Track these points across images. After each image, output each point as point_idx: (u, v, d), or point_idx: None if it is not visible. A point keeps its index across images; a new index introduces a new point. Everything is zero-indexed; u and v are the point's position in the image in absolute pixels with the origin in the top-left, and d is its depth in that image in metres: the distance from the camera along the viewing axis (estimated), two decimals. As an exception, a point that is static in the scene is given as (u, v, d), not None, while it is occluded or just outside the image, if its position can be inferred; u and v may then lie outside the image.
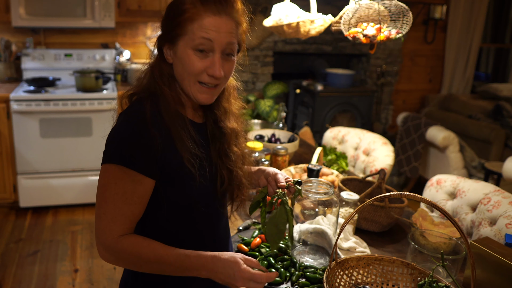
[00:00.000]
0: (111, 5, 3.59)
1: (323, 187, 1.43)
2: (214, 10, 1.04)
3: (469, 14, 4.90)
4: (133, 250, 1.02)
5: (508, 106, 4.38)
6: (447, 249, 1.42)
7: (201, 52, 1.05)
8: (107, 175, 1.02)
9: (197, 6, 1.03)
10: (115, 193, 1.01)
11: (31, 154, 3.45)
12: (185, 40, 1.05)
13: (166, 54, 1.10)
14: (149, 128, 1.02)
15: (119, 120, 1.07)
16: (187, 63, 1.06)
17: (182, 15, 1.04)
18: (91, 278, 2.78)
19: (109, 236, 1.02)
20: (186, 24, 1.04)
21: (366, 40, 1.80)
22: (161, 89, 1.08)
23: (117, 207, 1.02)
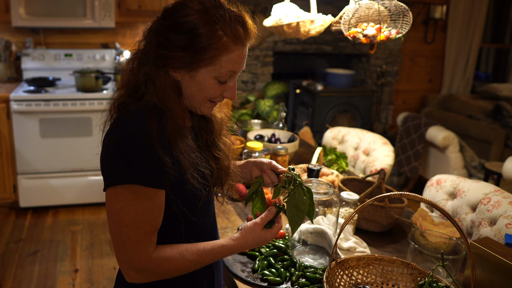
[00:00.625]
0: (111, 5, 3.59)
1: (323, 187, 1.43)
2: (242, 42, 1.03)
3: (469, 14, 4.90)
4: (170, 264, 1.01)
5: (508, 106, 4.38)
6: (447, 249, 1.42)
7: (221, 82, 1.05)
8: (121, 198, 0.96)
9: (231, 38, 1.01)
10: (135, 215, 0.97)
11: (31, 154, 3.45)
12: (210, 69, 1.02)
13: (174, 73, 1.04)
14: (156, 141, 0.97)
15: (118, 135, 0.98)
16: (207, 89, 1.05)
17: (212, 45, 0.99)
18: (91, 278, 2.78)
19: (142, 259, 0.98)
20: (214, 57, 1.00)
21: (366, 40, 1.80)
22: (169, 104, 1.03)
23: (141, 228, 0.97)
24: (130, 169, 0.95)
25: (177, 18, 1.01)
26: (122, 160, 0.96)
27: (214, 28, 0.99)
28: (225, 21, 1.00)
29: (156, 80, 1.03)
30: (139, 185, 0.96)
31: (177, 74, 1.04)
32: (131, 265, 0.98)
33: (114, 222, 0.98)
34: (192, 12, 1.00)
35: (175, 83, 1.05)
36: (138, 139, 0.96)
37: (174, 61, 1.01)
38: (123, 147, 0.96)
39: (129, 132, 0.97)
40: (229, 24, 1.00)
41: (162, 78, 1.03)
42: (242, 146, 2.34)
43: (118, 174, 0.96)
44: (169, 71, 1.03)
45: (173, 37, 1.00)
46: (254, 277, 1.34)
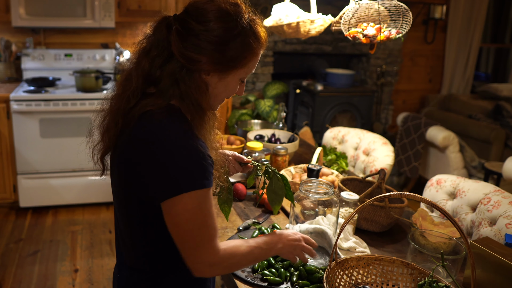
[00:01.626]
0: (111, 5, 3.59)
1: (323, 187, 1.43)
2: (265, 46, 1.14)
3: (469, 14, 4.90)
4: (238, 253, 1.09)
5: (508, 106, 4.38)
6: (447, 249, 1.42)
7: (241, 81, 1.14)
8: (188, 207, 0.99)
9: (260, 43, 1.11)
10: (203, 218, 1.02)
11: (31, 154, 3.45)
12: (240, 72, 1.10)
13: (205, 77, 1.07)
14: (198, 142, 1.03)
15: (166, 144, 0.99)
16: (231, 89, 1.13)
17: (251, 53, 1.09)
18: (91, 278, 2.78)
19: (215, 254, 1.04)
20: (248, 61, 1.09)
21: (366, 40, 1.80)
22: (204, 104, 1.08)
23: (209, 226, 1.03)
24: (192, 176, 0.99)
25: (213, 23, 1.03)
26: (182, 169, 0.99)
27: (248, 35, 1.07)
28: (252, 28, 1.09)
29: (190, 81, 1.05)
30: (199, 190, 1.00)
31: (207, 76, 1.08)
32: (207, 262, 1.04)
33: (185, 230, 1.01)
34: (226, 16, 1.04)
35: (206, 85, 1.09)
36: (184, 144, 1.00)
37: (207, 66, 1.05)
38: (179, 155, 0.99)
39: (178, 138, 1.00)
40: (255, 29, 1.09)
41: (197, 80, 1.06)
42: (242, 146, 2.34)
43: (181, 183, 0.99)
44: (201, 75, 1.07)
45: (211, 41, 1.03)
46: (254, 277, 1.34)
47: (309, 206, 1.43)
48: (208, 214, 1.03)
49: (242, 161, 1.38)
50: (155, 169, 1.00)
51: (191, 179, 0.99)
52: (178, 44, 1.03)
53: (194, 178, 0.99)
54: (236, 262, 1.10)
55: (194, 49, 1.03)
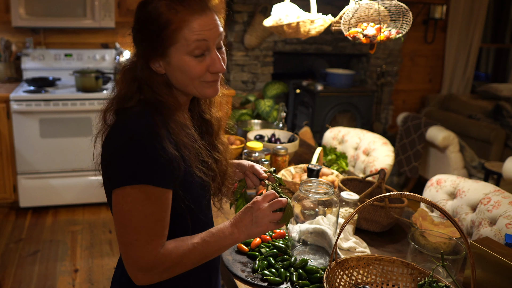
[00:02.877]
0: (111, 5, 3.59)
1: (323, 187, 1.43)
2: (198, 10, 1.01)
3: (469, 14, 4.90)
4: (176, 254, 1.00)
5: (508, 106, 4.38)
6: (447, 249, 1.42)
7: (199, 56, 1.03)
8: (129, 199, 0.95)
9: (180, 11, 0.99)
10: (144, 216, 0.96)
11: (31, 154, 3.45)
12: (178, 48, 1.01)
13: (156, 66, 1.04)
14: (163, 139, 0.98)
15: (124, 137, 0.98)
16: (187, 69, 1.03)
17: (168, 26, 0.99)
18: (91, 278, 2.78)
19: (150, 257, 0.97)
20: (175, 33, 0.99)
21: (366, 40, 1.80)
22: (164, 100, 1.04)
23: (150, 228, 0.97)
24: (139, 169, 0.95)
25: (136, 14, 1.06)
26: (131, 161, 0.95)
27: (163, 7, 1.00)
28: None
29: (146, 79, 1.04)
30: (148, 185, 0.96)
31: (158, 67, 1.04)
32: (139, 266, 0.97)
33: (122, 223, 0.97)
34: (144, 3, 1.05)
35: (163, 78, 1.05)
36: (146, 139, 0.96)
37: (146, 54, 1.03)
38: (131, 148, 0.96)
39: (136, 132, 0.97)
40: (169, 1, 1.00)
41: (149, 76, 1.04)
42: (242, 146, 2.34)
43: (127, 175, 0.95)
44: (151, 67, 1.04)
45: (136, 29, 1.05)
46: (254, 277, 1.34)
47: (309, 206, 1.43)
48: (150, 215, 0.96)
49: (259, 175, 1.27)
50: (109, 159, 0.99)
51: (140, 173, 0.95)
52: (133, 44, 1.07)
53: (144, 173, 0.95)
54: (175, 264, 1.00)
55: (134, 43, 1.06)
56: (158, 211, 0.98)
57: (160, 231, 0.99)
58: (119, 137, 0.99)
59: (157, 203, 0.98)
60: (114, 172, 0.98)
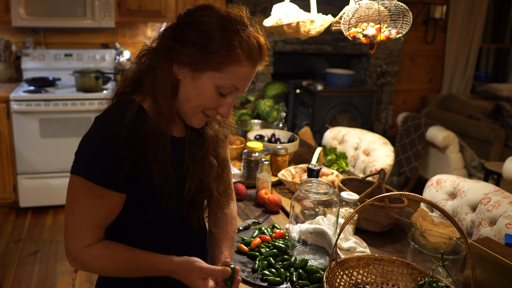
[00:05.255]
0: (111, 5, 3.59)
1: (323, 187, 1.43)
2: (253, 61, 1.03)
3: (469, 14, 4.90)
4: (95, 263, 1.03)
5: (508, 106, 4.38)
6: (447, 249, 1.42)
7: (221, 94, 1.04)
8: (75, 186, 1.01)
9: (245, 52, 1.01)
10: (81, 206, 1.01)
11: (31, 154, 3.45)
12: (215, 76, 1.01)
13: (178, 70, 1.03)
14: (122, 141, 0.98)
15: (93, 126, 1.02)
16: (204, 96, 1.03)
17: (229, 56, 0.99)
18: (91, 278, 2.78)
19: (74, 247, 1.02)
20: (224, 64, 0.99)
21: (366, 40, 1.80)
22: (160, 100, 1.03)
23: (83, 219, 1.01)
24: (87, 164, 1.00)
25: (199, 17, 1.01)
26: (85, 153, 1.01)
27: (231, 36, 1.00)
28: (243, 35, 1.01)
29: (157, 71, 1.03)
30: (91, 182, 0.99)
31: (180, 71, 1.03)
32: (66, 249, 1.03)
33: (66, 205, 1.03)
34: (215, 15, 1.01)
35: (174, 81, 1.04)
36: (106, 136, 0.99)
37: (182, 56, 1.01)
38: (90, 141, 1.01)
39: (102, 126, 1.01)
40: (247, 40, 1.01)
41: (164, 71, 1.03)
42: (242, 146, 2.34)
43: (78, 165, 1.01)
44: (174, 67, 1.02)
45: (189, 31, 1.00)
46: (254, 277, 1.34)
47: (309, 206, 1.43)
48: (87, 207, 1.00)
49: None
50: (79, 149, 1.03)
51: (87, 167, 0.99)
52: (167, 37, 1.04)
53: (91, 168, 0.99)
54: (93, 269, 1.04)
55: (174, 39, 1.02)
56: (96, 208, 1.01)
57: (93, 226, 1.02)
58: (91, 126, 1.03)
59: (96, 201, 1.01)
60: (75, 159, 1.02)
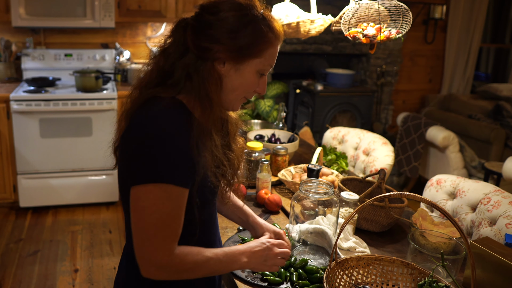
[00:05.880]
0: (111, 5, 3.59)
1: (323, 187, 1.43)
2: (279, 39, 1.11)
3: (469, 14, 4.90)
4: (190, 260, 1.03)
5: (508, 106, 4.38)
6: (447, 249, 1.42)
7: (261, 75, 1.12)
8: (150, 196, 0.97)
9: (274, 33, 1.09)
10: (162, 213, 0.98)
11: (31, 154, 3.45)
12: (256, 62, 1.08)
13: (220, 65, 1.07)
14: (192, 140, 1.01)
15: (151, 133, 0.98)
16: (249, 82, 1.10)
17: (266, 41, 1.07)
18: (91, 278, 2.78)
19: (165, 256, 0.99)
20: (265, 49, 1.08)
21: (366, 40, 1.80)
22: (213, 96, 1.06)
23: (167, 225, 0.99)
24: (164, 168, 0.97)
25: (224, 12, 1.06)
26: (155, 159, 0.97)
27: (260, 24, 1.07)
28: (266, 19, 1.09)
29: (203, 72, 1.05)
30: (170, 185, 0.97)
31: (221, 67, 1.07)
32: (153, 261, 0.99)
33: (140, 219, 0.98)
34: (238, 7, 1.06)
35: (220, 77, 1.08)
36: (172, 138, 0.98)
37: (221, 54, 1.05)
38: (157, 146, 0.97)
39: (163, 130, 0.98)
40: (270, 22, 1.09)
41: (210, 70, 1.06)
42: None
43: (150, 173, 0.97)
44: (215, 64, 1.07)
45: (220, 29, 1.04)
46: (254, 277, 1.34)
47: (309, 206, 1.43)
48: (169, 213, 0.99)
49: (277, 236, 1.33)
50: (134, 153, 0.99)
51: (164, 172, 0.97)
52: (193, 37, 1.06)
53: (167, 172, 0.97)
54: (186, 269, 1.03)
55: (208, 39, 1.05)
56: (175, 210, 1.00)
57: (176, 229, 1.01)
58: (147, 132, 0.99)
59: (176, 202, 1.00)
60: (138, 167, 0.98)
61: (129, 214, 1.05)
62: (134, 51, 4.14)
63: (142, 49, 4.17)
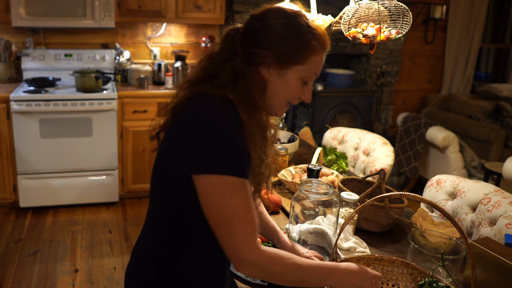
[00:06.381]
0: (111, 5, 3.59)
1: (323, 187, 1.43)
2: (325, 48, 1.14)
3: (469, 14, 4.90)
4: (279, 261, 1.04)
5: (508, 106, 4.38)
6: (447, 249, 1.42)
7: (304, 83, 1.14)
8: (220, 191, 1.00)
9: (319, 42, 1.12)
10: (234, 206, 1.00)
11: (31, 154, 3.45)
12: (299, 69, 1.11)
13: (265, 71, 1.11)
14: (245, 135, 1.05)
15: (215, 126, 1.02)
16: (292, 88, 1.13)
17: (309, 49, 1.10)
18: (91, 278, 2.78)
19: (254, 251, 1.00)
20: (308, 56, 1.10)
21: (366, 40, 1.80)
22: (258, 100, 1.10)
23: (248, 218, 1.01)
24: (231, 161, 1.00)
25: (273, 20, 1.10)
26: (222, 153, 1.00)
27: (305, 32, 1.10)
28: (312, 27, 1.12)
29: (248, 76, 1.10)
30: (237, 177, 1.00)
31: (266, 72, 1.11)
32: (243, 257, 1.00)
33: (215, 215, 1.01)
34: (286, 15, 1.11)
35: (264, 82, 1.12)
36: (238, 133, 1.02)
37: (267, 59, 1.09)
38: (224, 141, 1.01)
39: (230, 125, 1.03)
40: (316, 30, 1.12)
41: (255, 75, 1.10)
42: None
43: (217, 165, 1.00)
44: (260, 69, 1.10)
45: (268, 35, 1.09)
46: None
47: (309, 206, 1.43)
48: (242, 206, 1.00)
49: None
50: (200, 143, 1.01)
51: (230, 163, 1.00)
52: (241, 42, 1.11)
53: (233, 164, 1.00)
54: (276, 272, 1.04)
55: (254, 44, 1.09)
56: (247, 203, 1.02)
57: (255, 223, 1.02)
58: (210, 125, 1.02)
59: (247, 195, 1.02)
60: (202, 158, 1.01)
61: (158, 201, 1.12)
62: (134, 51, 4.14)
63: (142, 49, 4.17)
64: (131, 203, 3.80)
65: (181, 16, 3.83)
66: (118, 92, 3.56)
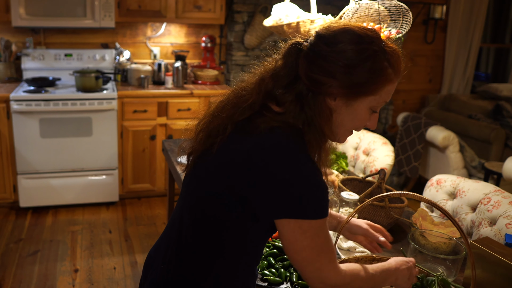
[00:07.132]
0: (111, 5, 3.59)
1: (323, 187, 1.42)
2: (399, 74, 1.06)
3: (469, 14, 4.90)
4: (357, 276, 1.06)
5: (508, 106, 4.38)
6: (447, 249, 1.42)
7: (373, 111, 1.07)
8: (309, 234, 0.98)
9: (394, 70, 1.03)
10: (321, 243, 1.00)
11: (31, 154, 3.45)
12: (369, 99, 1.03)
13: (331, 100, 1.02)
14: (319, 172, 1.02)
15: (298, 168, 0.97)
16: (359, 118, 1.06)
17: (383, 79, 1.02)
18: (91, 278, 2.78)
19: (338, 275, 1.02)
20: (380, 87, 1.02)
21: (366, 40, 1.79)
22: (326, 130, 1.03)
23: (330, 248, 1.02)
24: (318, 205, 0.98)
25: (344, 45, 1.00)
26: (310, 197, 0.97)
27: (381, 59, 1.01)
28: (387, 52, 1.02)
29: (314, 106, 1.01)
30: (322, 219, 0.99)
31: (332, 101, 1.03)
32: (328, 283, 1.02)
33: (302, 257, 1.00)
34: (358, 40, 1.00)
35: (330, 111, 1.04)
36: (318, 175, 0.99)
37: (334, 90, 1.00)
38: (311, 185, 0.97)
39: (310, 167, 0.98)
40: (391, 55, 1.03)
41: (322, 105, 1.02)
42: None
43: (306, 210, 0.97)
44: (326, 99, 1.02)
45: (338, 62, 0.99)
46: (254, 277, 1.34)
47: (309, 206, 1.43)
48: (326, 240, 1.01)
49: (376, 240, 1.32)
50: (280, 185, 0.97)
51: (318, 207, 0.98)
52: (305, 66, 1.01)
53: (319, 208, 0.99)
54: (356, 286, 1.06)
55: (321, 72, 1.00)
56: (328, 234, 1.02)
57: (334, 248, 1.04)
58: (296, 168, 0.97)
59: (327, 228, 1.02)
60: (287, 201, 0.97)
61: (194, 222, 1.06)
62: (134, 51, 4.14)
63: (142, 49, 4.17)
64: (131, 203, 3.81)
65: (181, 16, 3.83)
66: (118, 92, 3.56)
